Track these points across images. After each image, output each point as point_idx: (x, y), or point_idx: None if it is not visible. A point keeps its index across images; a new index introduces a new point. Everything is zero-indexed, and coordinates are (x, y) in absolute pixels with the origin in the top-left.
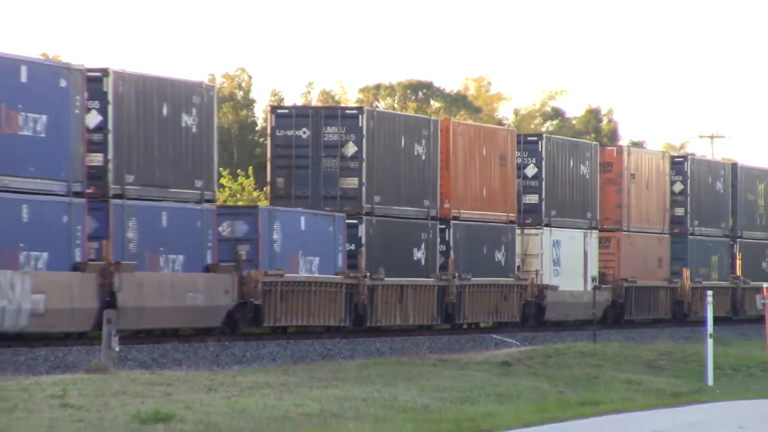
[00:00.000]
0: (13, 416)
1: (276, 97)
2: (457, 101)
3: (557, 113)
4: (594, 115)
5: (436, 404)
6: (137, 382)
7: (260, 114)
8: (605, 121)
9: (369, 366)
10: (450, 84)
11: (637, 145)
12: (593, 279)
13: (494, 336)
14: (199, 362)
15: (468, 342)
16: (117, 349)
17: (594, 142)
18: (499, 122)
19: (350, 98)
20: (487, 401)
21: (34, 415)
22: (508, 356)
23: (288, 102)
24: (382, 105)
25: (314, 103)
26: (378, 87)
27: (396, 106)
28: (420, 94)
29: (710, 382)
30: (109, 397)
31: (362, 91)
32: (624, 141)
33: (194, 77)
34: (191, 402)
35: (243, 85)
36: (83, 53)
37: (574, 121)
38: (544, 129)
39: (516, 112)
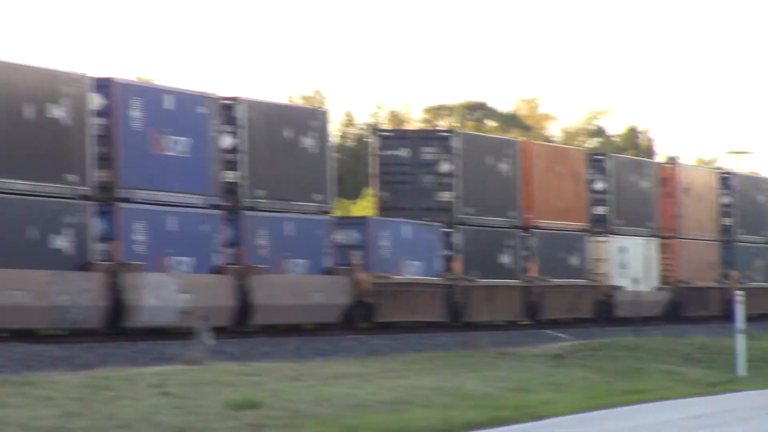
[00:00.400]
0: (117, 404)
1: (348, 117)
2: (510, 121)
3: (600, 131)
4: (633, 133)
5: (497, 392)
6: (229, 372)
7: (334, 132)
8: (642, 138)
9: (437, 358)
10: (503, 105)
11: (671, 159)
12: (634, 280)
13: (548, 331)
14: (284, 354)
15: (526, 336)
16: (210, 342)
17: (653, 161)
18: (547, 140)
19: (414, 117)
20: (543, 390)
21: (137, 403)
22: (560, 349)
23: (359, 120)
24: (442, 124)
25: (382, 121)
26: (439, 108)
27: (456, 124)
28: (477, 113)
29: (742, 372)
30: (204, 386)
31: (425, 111)
32: (659, 157)
33: (278, 99)
34: (278, 390)
35: (320, 105)
36: (172, 75)
37: (615, 139)
38: (588, 146)
39: (563, 130)
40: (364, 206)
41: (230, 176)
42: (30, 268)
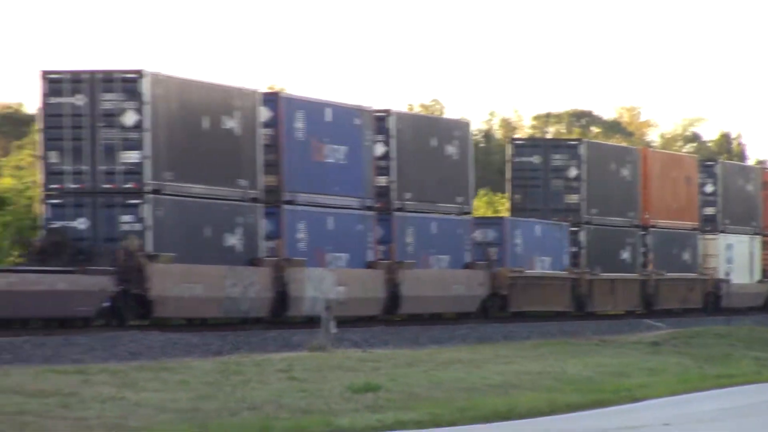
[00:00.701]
0: (248, 387)
1: None
2: (613, 127)
3: (695, 137)
4: (726, 138)
5: (598, 377)
6: (351, 358)
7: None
8: (734, 143)
9: (542, 345)
10: (607, 112)
11: (761, 163)
12: (739, 274)
13: (645, 320)
14: (401, 342)
15: (625, 325)
16: (334, 331)
17: (758, 166)
18: (648, 145)
19: (525, 124)
20: (640, 374)
21: (265, 386)
22: (657, 337)
23: (473, 127)
24: (551, 131)
25: (495, 128)
26: (548, 115)
27: (563, 131)
28: (582, 121)
29: None
30: (327, 372)
31: (535, 118)
32: (750, 160)
33: (399, 108)
34: (395, 375)
35: (436, 114)
36: (297, 85)
37: (709, 144)
38: (684, 151)
39: (662, 136)
40: (476, 206)
41: (382, 181)
42: (206, 264)
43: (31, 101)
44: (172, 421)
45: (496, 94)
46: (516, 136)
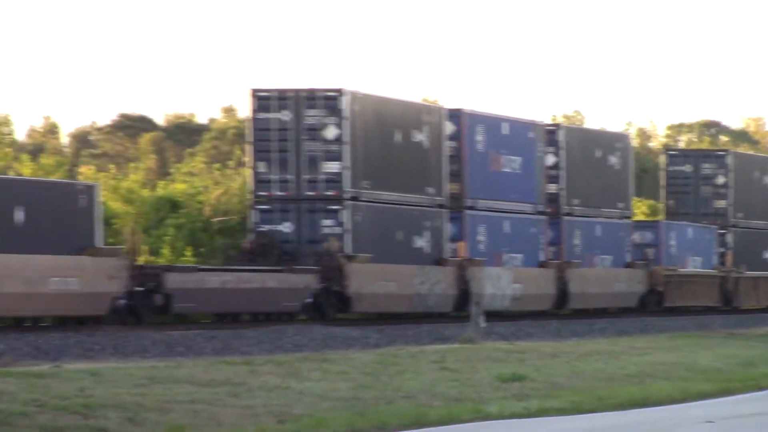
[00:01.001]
0: (403, 377)
1: None
2: (740, 136)
3: None
4: None
5: (727, 367)
6: (498, 350)
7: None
8: None
9: (676, 338)
10: (734, 122)
11: None
12: None
13: None
14: (545, 335)
15: (750, 320)
16: (483, 325)
17: None
18: None
19: (659, 134)
20: (765, 365)
21: (419, 376)
22: None
23: None
24: (683, 140)
25: (632, 137)
26: (680, 125)
27: (695, 140)
28: (712, 130)
29: None
30: (477, 362)
31: (669, 128)
32: None
33: (540, 119)
34: (540, 366)
35: (577, 124)
36: (444, 95)
37: None
38: None
39: None
40: None
41: (552, 188)
42: (398, 263)
43: (201, 112)
44: (333, 408)
45: (633, 104)
46: (671, 147)
